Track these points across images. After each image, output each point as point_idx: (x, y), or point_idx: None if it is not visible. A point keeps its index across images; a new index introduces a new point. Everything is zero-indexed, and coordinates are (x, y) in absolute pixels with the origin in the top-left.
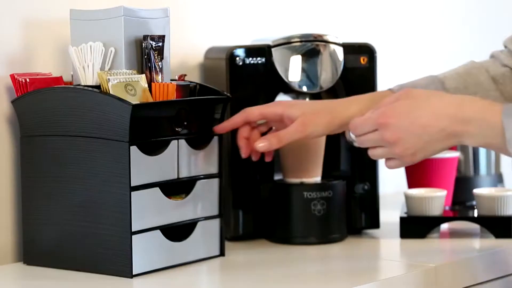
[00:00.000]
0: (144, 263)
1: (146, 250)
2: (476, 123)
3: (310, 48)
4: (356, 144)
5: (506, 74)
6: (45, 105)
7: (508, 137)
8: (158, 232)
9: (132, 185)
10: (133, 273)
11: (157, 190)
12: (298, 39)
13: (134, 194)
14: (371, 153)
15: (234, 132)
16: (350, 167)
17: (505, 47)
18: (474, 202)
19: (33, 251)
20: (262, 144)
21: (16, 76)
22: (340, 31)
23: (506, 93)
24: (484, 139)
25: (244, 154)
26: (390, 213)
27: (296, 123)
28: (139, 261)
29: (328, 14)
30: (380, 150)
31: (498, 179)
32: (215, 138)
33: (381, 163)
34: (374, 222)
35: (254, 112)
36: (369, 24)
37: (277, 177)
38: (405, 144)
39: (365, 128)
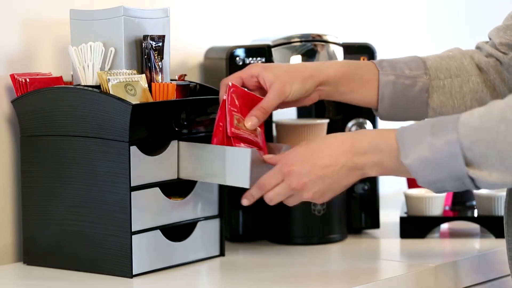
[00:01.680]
0: (144, 263)
1: (146, 250)
2: (372, 152)
3: (310, 48)
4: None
5: (490, 63)
6: (45, 105)
7: (400, 145)
8: (158, 232)
9: (132, 185)
10: (133, 273)
11: (157, 190)
12: (298, 39)
13: (134, 194)
14: (286, 203)
15: None
16: None
17: (490, 38)
18: (474, 202)
19: (33, 251)
20: (250, 123)
21: (16, 76)
22: (340, 31)
23: (489, 81)
24: (383, 165)
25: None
26: (390, 213)
27: (272, 89)
28: (139, 261)
29: (328, 14)
30: (291, 198)
31: None
32: None
33: None
34: (374, 222)
35: (233, 78)
36: (369, 24)
37: None
38: (312, 188)
39: (272, 181)
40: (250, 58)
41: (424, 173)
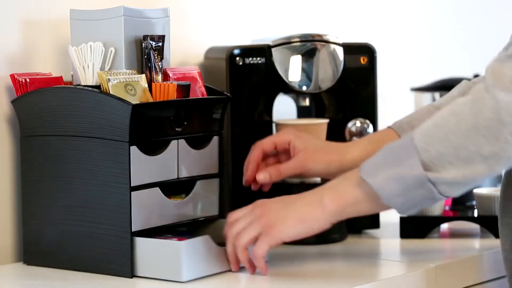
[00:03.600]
0: None
1: None
2: (334, 183)
3: (310, 48)
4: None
5: None
6: (45, 105)
7: (362, 169)
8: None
9: (132, 185)
10: (133, 274)
11: (157, 190)
12: (298, 39)
13: (134, 194)
14: (242, 236)
15: (234, 132)
16: None
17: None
18: (474, 202)
19: (33, 251)
20: (262, 176)
21: (16, 76)
22: (340, 31)
23: None
24: (340, 190)
25: (246, 181)
26: (390, 213)
27: (296, 158)
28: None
29: (328, 14)
30: (252, 227)
31: (498, 179)
32: (215, 138)
33: None
34: (374, 222)
35: (267, 142)
36: (369, 24)
37: None
38: (272, 209)
39: (244, 209)
40: (250, 58)
41: (388, 187)
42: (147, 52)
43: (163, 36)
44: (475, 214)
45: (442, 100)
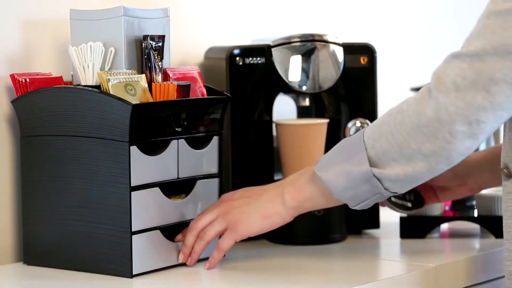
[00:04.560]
0: (144, 263)
1: (146, 250)
2: (293, 178)
3: (310, 48)
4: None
5: None
6: (45, 105)
7: (317, 164)
8: (158, 232)
9: (132, 185)
10: (133, 273)
11: (157, 190)
12: (298, 39)
13: (134, 194)
14: (209, 229)
15: (234, 132)
16: None
17: None
18: (474, 202)
19: (33, 251)
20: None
21: (16, 76)
22: (340, 31)
23: None
24: (298, 184)
25: None
26: (390, 213)
27: None
28: (139, 261)
29: (328, 14)
30: (216, 222)
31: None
32: (215, 138)
33: None
34: (374, 222)
35: None
36: (369, 24)
37: (277, 177)
38: (236, 206)
39: (211, 206)
40: (250, 58)
41: (337, 182)
42: (147, 52)
43: (163, 36)
44: (475, 214)
45: None
